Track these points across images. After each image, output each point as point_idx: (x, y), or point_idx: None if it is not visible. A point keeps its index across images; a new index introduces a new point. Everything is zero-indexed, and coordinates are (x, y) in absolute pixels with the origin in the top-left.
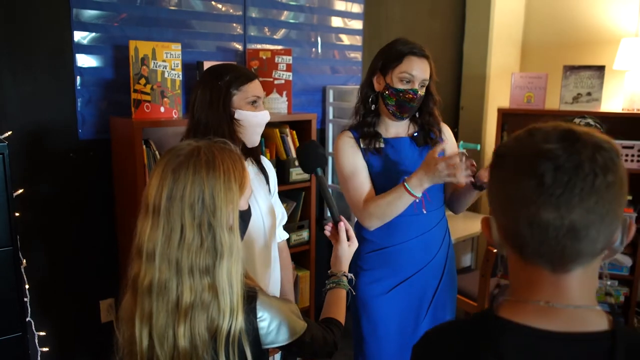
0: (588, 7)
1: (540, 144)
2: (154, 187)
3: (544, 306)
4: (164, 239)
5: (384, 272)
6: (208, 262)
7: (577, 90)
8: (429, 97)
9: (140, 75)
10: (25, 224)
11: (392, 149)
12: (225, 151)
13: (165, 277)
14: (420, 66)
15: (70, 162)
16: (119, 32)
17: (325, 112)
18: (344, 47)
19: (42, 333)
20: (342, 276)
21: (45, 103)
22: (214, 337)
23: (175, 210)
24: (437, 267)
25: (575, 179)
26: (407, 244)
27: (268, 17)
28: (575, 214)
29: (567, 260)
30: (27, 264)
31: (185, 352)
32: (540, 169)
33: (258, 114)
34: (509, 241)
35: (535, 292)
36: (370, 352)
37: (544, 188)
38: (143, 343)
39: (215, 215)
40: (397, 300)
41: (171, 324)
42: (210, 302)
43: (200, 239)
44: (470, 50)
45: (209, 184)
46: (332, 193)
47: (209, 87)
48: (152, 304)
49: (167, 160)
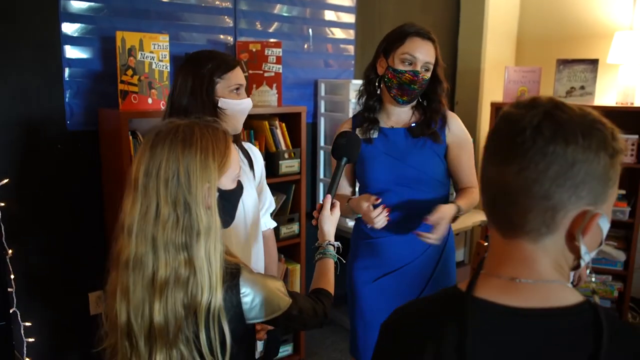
0: (583, 1)
1: (528, 110)
2: (135, 164)
3: (508, 281)
4: (141, 215)
5: (372, 262)
6: (185, 239)
7: (571, 84)
8: (435, 83)
9: (128, 66)
10: (13, 214)
11: (384, 139)
12: (209, 129)
13: (142, 252)
14: (423, 48)
15: (59, 153)
16: (108, 23)
17: (317, 105)
18: (336, 41)
19: (28, 323)
20: (327, 245)
21: (33, 94)
22: (194, 314)
23: (151, 186)
24: (429, 261)
25: (523, 138)
26: (389, 238)
27: (259, 10)
28: (509, 172)
29: (517, 230)
30: (14, 255)
31: (160, 326)
32: (514, 128)
33: (242, 101)
34: (492, 217)
35: (502, 265)
36: (358, 336)
37: (501, 145)
38: (122, 317)
39: (191, 193)
40: (384, 290)
41: (147, 299)
42: (189, 278)
43: (176, 215)
44: (465, 44)
45: (184, 161)
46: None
47: (190, 75)
48: (129, 278)
49: (148, 138)
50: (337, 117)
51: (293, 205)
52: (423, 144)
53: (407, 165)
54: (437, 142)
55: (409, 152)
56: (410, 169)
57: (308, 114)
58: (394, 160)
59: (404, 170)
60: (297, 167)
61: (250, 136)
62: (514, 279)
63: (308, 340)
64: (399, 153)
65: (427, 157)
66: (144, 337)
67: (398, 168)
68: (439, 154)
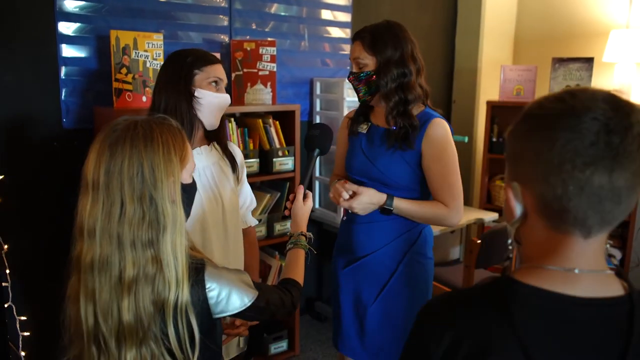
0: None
1: (588, 103)
2: (92, 164)
3: (563, 271)
4: (104, 214)
5: (344, 246)
6: (151, 234)
7: (566, 83)
8: (387, 80)
9: (122, 65)
10: (9, 210)
11: (368, 135)
12: (164, 125)
13: (107, 252)
14: (352, 48)
15: (54, 151)
16: (103, 22)
17: (313, 104)
18: (332, 40)
19: (24, 318)
20: (299, 236)
21: (29, 93)
22: (161, 310)
23: (114, 184)
24: (395, 253)
25: (625, 141)
26: (354, 226)
27: (254, 9)
28: (622, 177)
29: (603, 226)
30: (10, 250)
31: (130, 325)
32: (594, 129)
33: (219, 95)
34: (543, 209)
35: (556, 259)
36: (335, 318)
37: (597, 149)
38: (89, 321)
39: (157, 188)
40: (351, 278)
41: (115, 299)
42: (155, 274)
43: (142, 211)
44: (461, 43)
45: (148, 156)
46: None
47: (171, 67)
48: (94, 280)
49: (104, 136)
50: (332, 115)
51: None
52: (394, 148)
53: (373, 165)
54: (407, 147)
55: (379, 154)
56: (376, 170)
57: (303, 112)
58: (365, 158)
59: (371, 170)
60: (291, 165)
61: (244, 134)
62: (570, 269)
63: (302, 337)
64: (371, 152)
65: (392, 162)
66: (114, 338)
67: (367, 166)
68: (407, 160)
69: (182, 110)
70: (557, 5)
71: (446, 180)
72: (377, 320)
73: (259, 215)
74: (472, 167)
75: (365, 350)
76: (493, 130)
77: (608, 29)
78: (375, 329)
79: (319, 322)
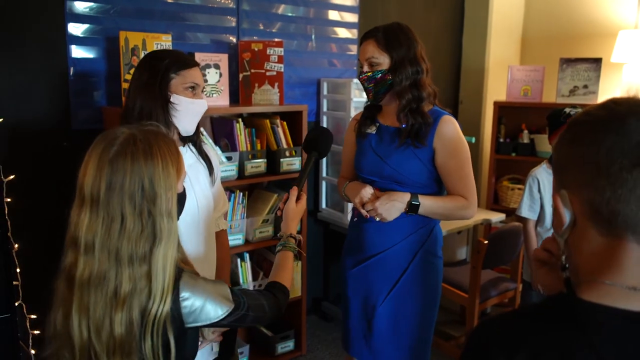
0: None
1: (632, 107)
2: (91, 177)
3: (626, 290)
4: (104, 230)
5: (355, 244)
6: (146, 248)
7: (574, 83)
8: (401, 78)
9: (131, 66)
10: (19, 209)
11: (378, 136)
12: (160, 136)
13: (105, 267)
14: (363, 48)
15: (64, 151)
16: (113, 23)
17: (320, 104)
18: (339, 41)
19: (34, 316)
20: (288, 238)
21: (39, 93)
22: (142, 323)
23: (115, 200)
24: (406, 252)
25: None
26: (365, 225)
27: (261, 10)
28: None
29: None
30: (20, 249)
31: (121, 338)
32: (639, 129)
33: (196, 101)
34: (593, 215)
35: (615, 270)
36: (344, 319)
37: None
38: (83, 335)
39: (155, 203)
40: (360, 278)
41: (109, 314)
42: (144, 287)
43: (141, 226)
44: (469, 43)
45: (148, 172)
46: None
47: (147, 69)
48: (90, 295)
49: (103, 150)
50: (339, 115)
51: None
52: (406, 145)
53: (385, 164)
54: (420, 144)
55: (391, 151)
56: (388, 167)
57: (310, 113)
58: (377, 157)
59: (382, 168)
60: (298, 165)
61: (252, 134)
62: (633, 288)
63: (309, 336)
64: (383, 150)
65: (404, 159)
66: (105, 353)
67: (378, 165)
68: (420, 157)
69: (158, 116)
70: (564, 5)
71: (461, 174)
72: (386, 321)
73: (265, 215)
74: (479, 167)
75: (373, 351)
76: (500, 130)
77: (616, 29)
78: (383, 330)
79: (326, 322)
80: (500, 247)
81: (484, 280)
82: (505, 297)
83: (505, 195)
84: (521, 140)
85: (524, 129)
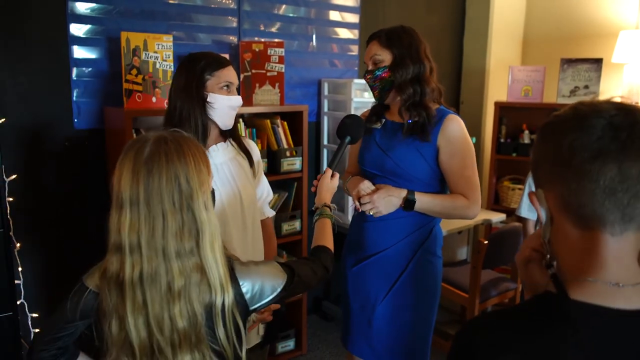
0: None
1: (595, 107)
2: (128, 181)
3: (609, 286)
4: (147, 230)
5: (354, 244)
6: (192, 243)
7: (575, 84)
8: (404, 76)
9: (132, 66)
10: (21, 208)
11: (382, 131)
12: (187, 138)
13: (154, 264)
14: (368, 49)
15: (66, 150)
16: (114, 24)
17: (321, 104)
18: (340, 41)
19: (35, 315)
20: (323, 207)
21: (42, 93)
22: (209, 314)
23: (155, 200)
24: (406, 251)
25: (633, 135)
26: (366, 224)
27: (263, 11)
28: (634, 168)
29: (627, 222)
30: (22, 248)
31: (184, 331)
32: (599, 125)
33: (231, 97)
34: (565, 208)
35: (595, 265)
36: (344, 316)
37: (603, 142)
38: (141, 333)
39: (193, 198)
40: (360, 276)
41: (166, 308)
42: (200, 280)
43: (182, 222)
44: (470, 44)
45: (183, 169)
46: None
47: (184, 73)
48: (144, 293)
49: (135, 153)
50: (340, 116)
51: (295, 202)
52: (410, 141)
53: (387, 156)
54: (424, 140)
55: (393, 145)
56: (390, 161)
57: (311, 113)
58: (379, 150)
59: (384, 161)
60: (299, 165)
61: (252, 134)
62: (616, 284)
63: (310, 336)
64: (385, 144)
65: (407, 153)
66: (170, 346)
67: (380, 158)
68: (422, 153)
69: (196, 115)
70: (566, 5)
71: (464, 173)
72: (385, 318)
73: None
74: (480, 167)
75: (372, 349)
76: (501, 131)
77: (617, 29)
78: (383, 327)
79: (326, 322)
80: (501, 247)
81: (484, 280)
82: (506, 297)
83: (506, 195)
84: (522, 141)
85: (525, 129)
